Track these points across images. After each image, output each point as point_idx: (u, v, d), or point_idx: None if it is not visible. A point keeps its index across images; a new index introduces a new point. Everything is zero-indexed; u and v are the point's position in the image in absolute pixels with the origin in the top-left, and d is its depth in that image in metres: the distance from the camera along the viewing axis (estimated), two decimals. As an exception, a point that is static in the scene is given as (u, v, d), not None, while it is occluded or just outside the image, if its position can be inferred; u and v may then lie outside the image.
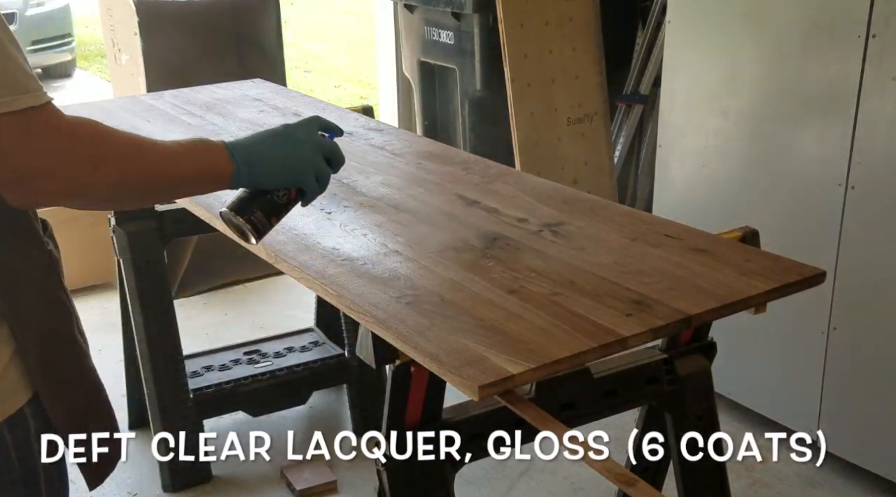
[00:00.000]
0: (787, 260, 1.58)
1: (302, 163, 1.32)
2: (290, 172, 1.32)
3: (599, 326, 1.35)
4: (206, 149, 1.25)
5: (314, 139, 1.35)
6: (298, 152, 1.32)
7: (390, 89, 5.24)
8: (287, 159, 1.31)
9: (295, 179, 1.33)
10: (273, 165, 1.30)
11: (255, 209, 1.34)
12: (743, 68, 2.69)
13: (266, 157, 1.29)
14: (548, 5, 3.69)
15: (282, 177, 1.32)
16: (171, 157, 1.19)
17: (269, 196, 1.34)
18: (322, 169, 1.34)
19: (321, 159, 1.34)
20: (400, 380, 1.49)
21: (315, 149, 1.34)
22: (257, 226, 1.36)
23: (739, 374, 2.85)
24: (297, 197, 1.36)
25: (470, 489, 2.63)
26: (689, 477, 1.87)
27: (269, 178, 1.31)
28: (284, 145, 1.32)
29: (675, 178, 2.98)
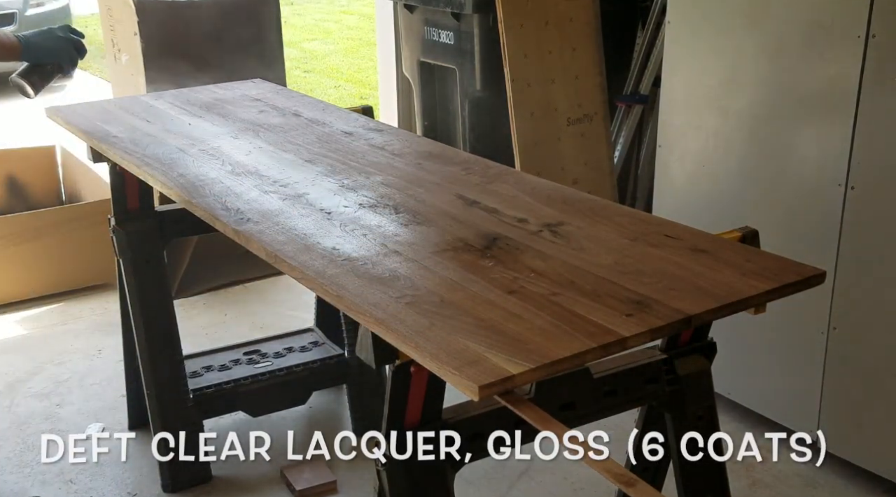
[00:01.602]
0: (786, 260, 1.58)
1: (63, 49, 2.36)
2: (57, 54, 2.36)
3: (599, 326, 1.35)
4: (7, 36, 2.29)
5: (68, 35, 2.39)
6: (60, 43, 2.36)
7: (390, 89, 5.24)
8: (54, 46, 2.35)
9: (59, 58, 2.37)
10: (45, 49, 2.33)
11: (33, 74, 2.36)
12: (743, 68, 2.69)
13: (42, 45, 2.33)
14: (548, 5, 3.69)
15: (52, 56, 2.35)
16: None
17: (43, 67, 2.36)
18: (74, 55, 2.39)
19: (73, 48, 2.39)
20: (400, 380, 1.49)
21: (69, 42, 2.38)
22: (35, 84, 2.36)
23: (739, 374, 2.86)
24: (58, 69, 2.39)
25: (470, 489, 2.63)
26: (689, 477, 1.87)
27: (43, 56, 2.34)
28: (52, 39, 2.35)
29: (675, 178, 2.98)
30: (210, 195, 1.97)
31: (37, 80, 2.36)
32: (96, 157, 2.46)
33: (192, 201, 1.96)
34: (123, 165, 2.30)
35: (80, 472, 2.73)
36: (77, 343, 3.58)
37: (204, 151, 2.27)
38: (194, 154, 2.26)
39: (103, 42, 4.13)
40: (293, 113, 2.65)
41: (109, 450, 2.87)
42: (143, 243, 2.56)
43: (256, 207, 1.89)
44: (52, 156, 4.51)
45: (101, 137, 2.42)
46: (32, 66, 2.35)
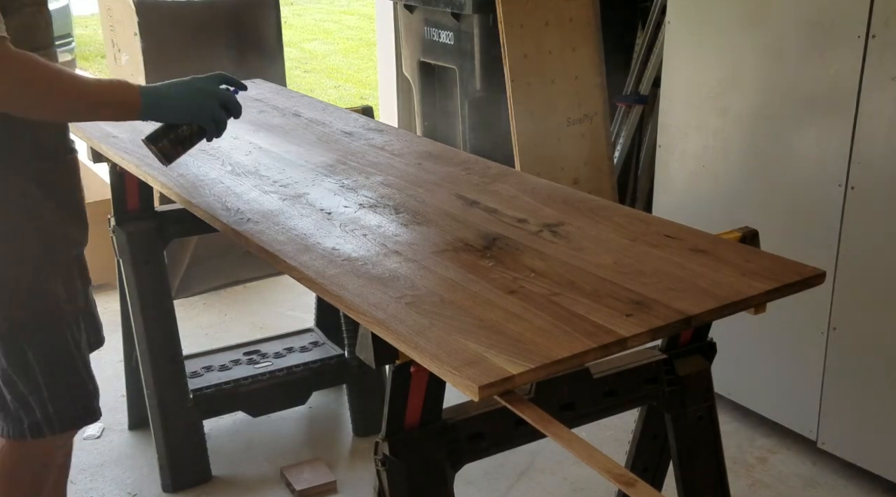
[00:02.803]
0: (786, 260, 1.58)
1: (202, 107, 1.74)
2: (191, 112, 1.74)
3: (599, 327, 1.35)
4: (120, 85, 1.68)
5: (212, 88, 1.77)
6: (197, 96, 1.74)
7: (390, 89, 5.24)
8: (188, 100, 1.73)
9: (194, 117, 1.75)
10: (175, 104, 1.72)
11: (164, 139, 1.77)
12: (743, 68, 2.69)
13: (170, 98, 1.72)
14: (548, 5, 3.69)
15: (184, 114, 1.74)
16: (91, 85, 1.64)
17: (178, 130, 1.77)
18: (217, 112, 1.76)
19: (216, 104, 1.76)
20: (400, 380, 1.50)
21: (211, 95, 1.76)
22: (165, 152, 1.78)
23: (739, 374, 2.86)
24: (200, 133, 1.78)
25: (470, 489, 2.64)
26: (689, 477, 1.87)
27: (171, 114, 1.73)
28: (186, 90, 1.74)
29: (675, 178, 2.98)
30: (210, 195, 1.97)
31: (168, 145, 1.78)
32: (96, 157, 2.46)
33: (191, 201, 1.96)
34: (123, 165, 2.30)
35: (80, 472, 2.73)
36: (77, 343, 3.58)
37: (204, 151, 2.27)
38: (194, 154, 2.26)
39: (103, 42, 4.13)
40: (293, 113, 2.65)
41: (109, 450, 2.87)
42: (143, 243, 2.56)
43: (256, 207, 1.89)
44: (52, 156, 4.50)
45: (101, 137, 2.42)
46: (166, 127, 1.78)
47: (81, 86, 1.62)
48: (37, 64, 1.55)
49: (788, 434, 2.82)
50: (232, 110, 1.78)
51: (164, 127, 1.77)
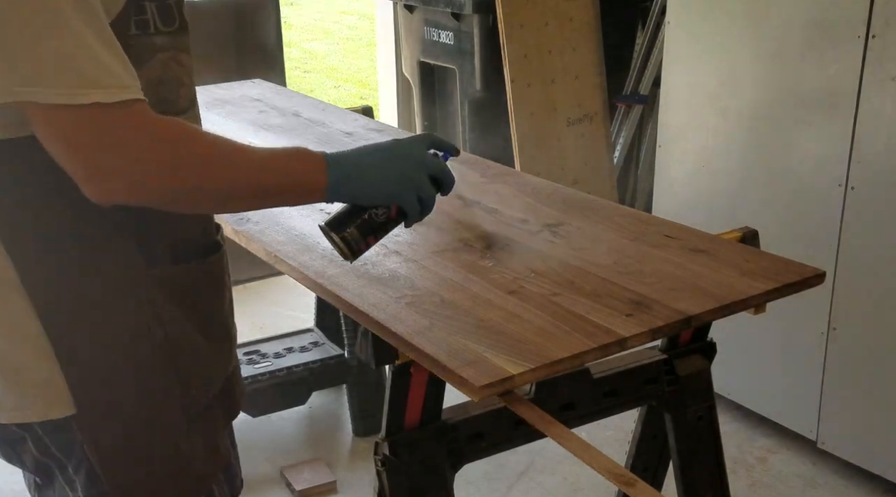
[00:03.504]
0: (786, 260, 1.58)
1: (402, 180, 1.24)
2: (389, 189, 1.24)
3: (599, 327, 1.35)
4: (300, 158, 1.18)
5: (420, 156, 1.27)
6: (400, 168, 1.24)
7: (390, 89, 5.24)
8: (386, 175, 1.23)
9: (394, 197, 1.25)
10: (371, 181, 1.22)
11: (351, 226, 1.28)
12: (742, 68, 2.69)
13: (364, 172, 1.21)
14: (548, 5, 3.70)
15: (380, 193, 1.24)
16: (259, 165, 1.13)
17: (368, 213, 1.27)
18: (425, 188, 1.26)
19: (425, 177, 1.26)
20: (400, 380, 1.50)
21: (419, 166, 1.26)
22: (351, 244, 1.30)
23: (739, 374, 2.86)
24: (399, 217, 1.29)
25: (470, 489, 2.63)
26: (689, 477, 1.87)
27: (365, 193, 1.23)
28: (386, 160, 1.24)
29: (674, 178, 2.98)
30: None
31: (356, 235, 1.31)
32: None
33: (191, 201, 1.95)
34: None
35: (80, 472, 2.72)
36: (77, 343, 3.58)
37: (204, 151, 2.27)
38: (194, 154, 2.26)
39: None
40: (293, 113, 2.65)
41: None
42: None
43: (256, 207, 1.88)
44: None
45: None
46: (352, 210, 1.30)
47: (251, 164, 1.12)
48: (192, 136, 1.08)
49: (788, 434, 2.82)
50: (443, 185, 1.31)
51: (349, 209, 1.29)
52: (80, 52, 0.96)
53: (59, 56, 0.95)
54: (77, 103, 0.96)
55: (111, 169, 1.01)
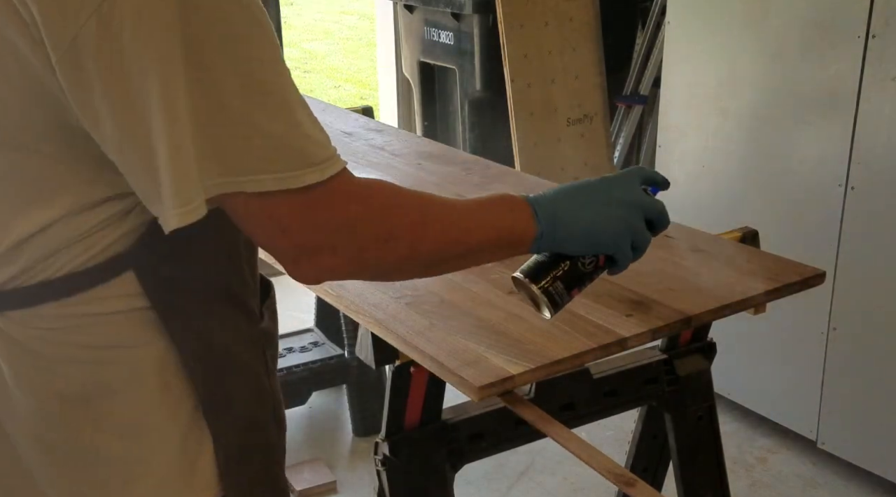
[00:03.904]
0: (786, 260, 1.58)
1: (618, 227, 1.07)
2: (603, 238, 1.07)
3: (599, 327, 1.35)
4: (506, 207, 1.03)
5: (636, 198, 1.09)
6: (615, 214, 1.07)
7: (390, 89, 5.23)
8: (601, 222, 1.06)
9: (607, 246, 1.08)
10: (583, 228, 1.05)
11: (555, 278, 1.10)
12: (742, 69, 2.69)
13: (575, 218, 1.05)
14: (548, 6, 3.69)
15: (592, 242, 1.07)
16: (468, 221, 1.00)
17: (573, 263, 1.10)
18: (641, 234, 1.08)
19: (641, 222, 1.09)
20: (400, 380, 1.49)
21: (636, 210, 1.08)
22: (554, 297, 1.11)
23: (739, 374, 2.85)
24: (606, 265, 1.11)
25: (470, 489, 2.63)
26: (689, 477, 1.87)
27: (576, 242, 1.06)
28: (599, 204, 1.07)
29: (675, 179, 2.96)
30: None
31: (561, 288, 1.11)
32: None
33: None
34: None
35: (80, 472, 2.72)
36: (77, 343, 3.58)
37: (204, 151, 2.27)
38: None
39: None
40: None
41: None
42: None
43: (256, 207, 1.88)
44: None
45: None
46: (554, 259, 1.10)
47: (461, 222, 1.00)
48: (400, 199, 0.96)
49: (788, 434, 2.82)
50: (657, 227, 1.11)
51: (552, 258, 1.10)
52: (292, 128, 0.86)
53: (271, 136, 0.85)
54: (293, 187, 0.86)
55: (326, 246, 0.91)
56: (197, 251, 0.97)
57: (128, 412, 0.96)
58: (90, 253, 0.91)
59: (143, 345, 0.95)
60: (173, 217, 0.83)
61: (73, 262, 0.91)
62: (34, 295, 0.91)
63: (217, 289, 1.01)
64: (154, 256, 0.93)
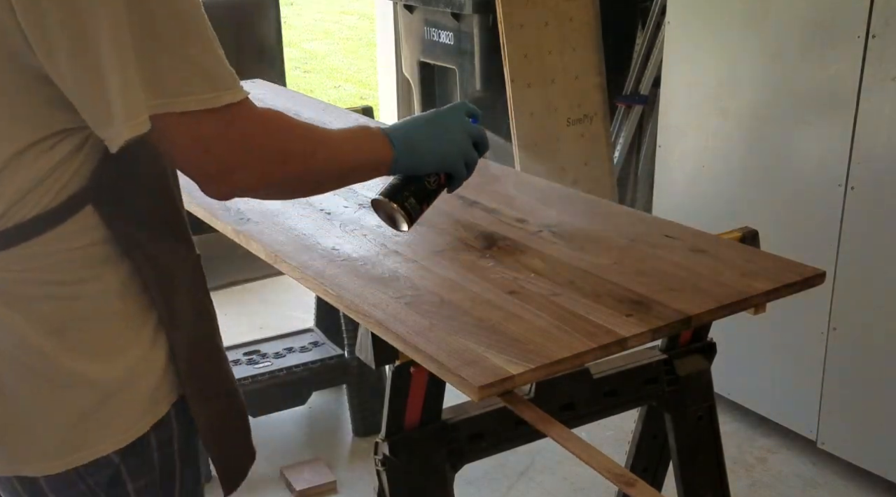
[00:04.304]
0: (786, 260, 1.58)
1: (455, 149, 1.36)
2: (444, 159, 1.36)
3: (599, 327, 1.35)
4: (370, 137, 1.27)
5: (465, 127, 1.39)
6: (451, 138, 1.36)
7: (390, 89, 5.24)
8: (441, 146, 1.35)
9: (448, 166, 1.37)
10: (429, 152, 1.33)
11: (409, 195, 1.37)
12: (742, 69, 2.69)
13: (422, 144, 1.33)
14: (548, 5, 3.70)
15: (436, 163, 1.36)
16: (345, 147, 1.22)
17: (421, 182, 1.37)
18: (471, 154, 1.39)
19: (471, 145, 1.39)
20: (400, 380, 1.50)
21: (467, 137, 1.39)
22: (410, 212, 1.38)
23: (739, 374, 2.85)
24: (446, 182, 1.40)
25: (470, 489, 2.63)
26: (689, 477, 1.87)
27: (424, 164, 1.35)
28: (438, 132, 1.35)
29: (675, 178, 2.98)
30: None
31: (414, 206, 1.38)
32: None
33: (192, 201, 1.95)
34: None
35: (80, 472, 2.72)
36: (77, 343, 3.58)
37: (204, 151, 2.27)
38: (194, 154, 2.26)
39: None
40: (293, 113, 2.65)
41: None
42: (143, 243, 2.55)
43: (256, 207, 1.89)
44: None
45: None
46: (406, 180, 1.38)
47: (339, 148, 1.21)
48: (293, 125, 1.14)
49: (788, 434, 2.82)
50: (481, 148, 1.43)
51: (404, 179, 1.37)
52: (210, 56, 1.03)
53: (195, 63, 1.00)
54: (215, 107, 1.02)
55: (239, 164, 1.07)
56: (138, 183, 1.10)
57: (99, 337, 1.08)
58: (52, 193, 1.03)
59: (107, 275, 1.08)
60: (126, 129, 0.97)
61: (39, 204, 1.02)
62: (10, 237, 1.02)
63: (159, 218, 1.15)
64: (106, 190, 1.07)
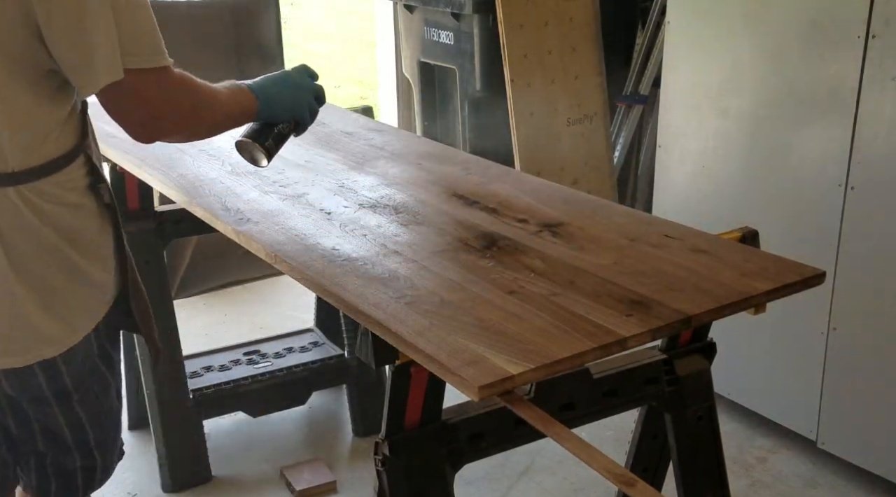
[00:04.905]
0: (786, 260, 1.58)
1: (302, 102, 1.73)
2: (294, 109, 1.71)
3: (599, 327, 1.35)
4: (242, 92, 1.64)
5: (309, 84, 1.75)
6: (300, 94, 1.72)
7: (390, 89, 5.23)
8: (293, 99, 1.71)
9: (296, 114, 1.72)
10: (283, 104, 1.69)
11: (267, 137, 1.71)
12: (743, 68, 2.69)
13: (279, 97, 1.68)
14: (548, 5, 3.70)
15: (288, 112, 1.71)
16: (228, 101, 1.60)
17: (277, 127, 1.71)
18: (314, 106, 1.76)
19: (313, 98, 1.75)
20: (400, 380, 1.49)
21: (311, 92, 1.75)
22: (269, 151, 1.71)
23: (739, 374, 2.86)
24: (295, 128, 1.75)
25: (470, 489, 2.64)
26: (689, 477, 1.87)
27: (280, 113, 1.69)
28: (289, 89, 1.71)
29: (674, 178, 2.98)
30: (210, 195, 1.97)
31: (271, 144, 1.71)
32: (96, 157, 2.46)
33: (192, 201, 1.96)
34: (123, 165, 2.30)
35: (80, 472, 2.72)
36: (77, 343, 3.58)
37: (204, 151, 2.27)
38: (194, 154, 2.26)
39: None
40: (293, 113, 2.65)
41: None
42: (143, 244, 2.56)
43: (256, 207, 1.89)
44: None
45: (101, 137, 2.41)
46: (264, 126, 1.71)
47: (225, 101, 1.59)
48: (198, 85, 1.51)
49: (788, 434, 2.82)
50: (321, 102, 1.78)
51: (262, 126, 1.70)
52: (151, 25, 1.39)
53: (143, 31, 1.38)
54: (154, 67, 1.39)
55: (165, 114, 1.45)
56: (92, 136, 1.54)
57: (93, 244, 1.53)
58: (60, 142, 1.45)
59: (92, 201, 1.52)
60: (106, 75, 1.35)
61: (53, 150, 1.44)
62: (37, 172, 1.42)
63: (99, 160, 1.55)
64: (87, 142, 1.51)
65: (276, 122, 1.70)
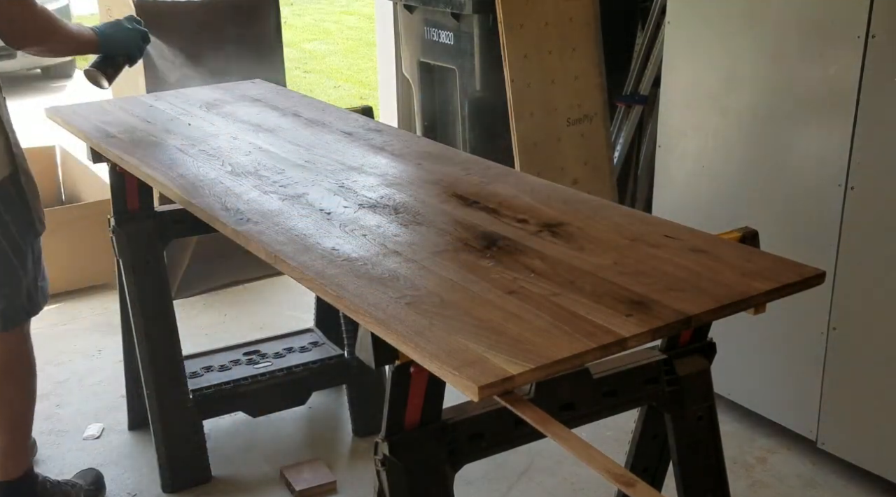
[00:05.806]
0: (786, 260, 1.58)
1: (135, 40, 2.52)
2: (127, 45, 2.50)
3: (599, 327, 1.35)
4: (87, 29, 2.44)
5: (136, 27, 2.53)
6: (130, 34, 2.51)
7: (390, 89, 5.24)
8: (125, 37, 2.50)
9: (129, 49, 2.52)
10: (118, 42, 2.48)
11: (107, 66, 2.49)
12: (742, 68, 2.69)
13: (115, 37, 2.48)
14: (547, 6, 3.69)
15: (124, 47, 2.50)
16: (76, 31, 2.41)
17: (115, 59, 2.50)
18: (140, 44, 2.54)
19: (140, 38, 2.53)
20: (400, 380, 1.50)
21: (138, 33, 2.53)
22: (111, 77, 2.50)
23: (739, 374, 2.86)
24: (128, 60, 2.53)
25: (470, 489, 2.64)
26: (689, 477, 1.87)
27: (118, 48, 2.49)
28: (123, 31, 2.49)
29: (674, 178, 2.98)
30: (210, 195, 1.97)
31: (111, 71, 2.47)
32: (96, 157, 2.46)
33: (192, 201, 1.96)
34: (123, 165, 2.30)
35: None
36: (77, 343, 3.58)
37: (204, 151, 2.27)
38: (194, 154, 2.26)
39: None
40: (293, 113, 2.65)
41: (109, 450, 2.87)
42: (143, 244, 2.56)
43: (256, 207, 1.89)
44: (52, 156, 4.51)
45: (101, 137, 2.42)
46: (105, 58, 2.47)
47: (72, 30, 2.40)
48: (51, 14, 2.27)
49: (788, 434, 2.82)
50: (146, 41, 2.56)
51: (104, 58, 2.47)
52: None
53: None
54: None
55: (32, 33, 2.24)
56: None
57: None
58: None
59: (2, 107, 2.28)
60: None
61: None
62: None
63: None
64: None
65: (113, 55, 2.47)
